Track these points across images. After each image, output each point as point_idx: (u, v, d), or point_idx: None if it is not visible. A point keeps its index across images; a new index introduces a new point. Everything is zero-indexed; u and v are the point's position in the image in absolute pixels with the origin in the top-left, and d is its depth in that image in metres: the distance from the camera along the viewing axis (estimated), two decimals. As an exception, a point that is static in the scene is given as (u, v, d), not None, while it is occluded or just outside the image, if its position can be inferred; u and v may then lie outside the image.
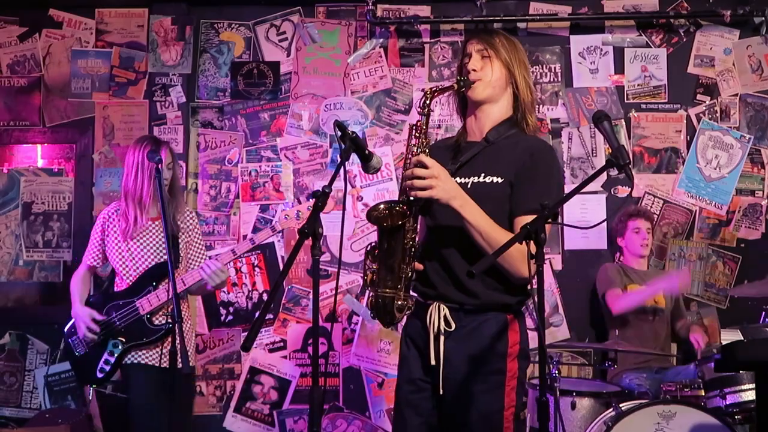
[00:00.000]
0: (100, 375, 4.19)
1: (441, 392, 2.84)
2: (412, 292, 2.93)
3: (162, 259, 4.24)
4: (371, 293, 2.84)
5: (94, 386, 4.34)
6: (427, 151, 2.83)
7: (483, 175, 2.88)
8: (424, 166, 2.72)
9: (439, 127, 5.40)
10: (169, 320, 4.19)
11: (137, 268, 4.24)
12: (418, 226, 2.89)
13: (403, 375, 2.99)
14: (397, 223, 2.75)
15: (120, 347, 4.17)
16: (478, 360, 2.82)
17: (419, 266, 2.89)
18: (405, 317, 2.89)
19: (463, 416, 2.83)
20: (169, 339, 4.16)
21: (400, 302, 2.80)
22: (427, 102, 2.87)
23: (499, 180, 2.85)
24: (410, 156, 2.82)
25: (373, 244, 2.87)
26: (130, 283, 4.23)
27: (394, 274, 2.79)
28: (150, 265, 4.23)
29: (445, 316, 2.85)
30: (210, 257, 4.32)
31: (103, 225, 4.35)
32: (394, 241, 2.78)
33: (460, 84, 2.93)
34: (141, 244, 4.25)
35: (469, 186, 2.87)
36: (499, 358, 2.83)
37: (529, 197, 2.79)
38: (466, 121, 3.07)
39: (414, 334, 2.96)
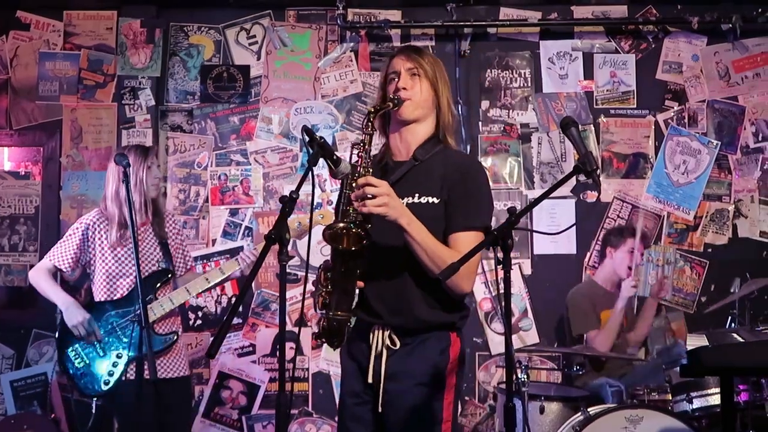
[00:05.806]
0: (105, 387, 4.05)
1: (380, 410, 2.82)
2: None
3: (155, 266, 4.20)
4: (322, 316, 2.76)
5: (96, 398, 4.21)
6: (370, 170, 2.79)
7: (417, 195, 2.86)
8: (372, 186, 2.67)
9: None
10: (174, 330, 4.20)
11: (128, 276, 4.13)
12: None
13: (346, 389, 2.98)
14: (355, 247, 2.68)
15: (124, 358, 4.06)
16: (419, 375, 2.82)
17: (361, 284, 2.83)
18: None
19: (403, 429, 2.82)
20: (173, 349, 4.19)
21: (350, 324, 2.76)
22: (371, 121, 2.84)
23: (435, 200, 2.84)
24: (355, 175, 2.76)
25: (327, 263, 2.80)
26: (124, 293, 4.12)
27: (348, 297, 2.74)
28: (144, 273, 4.10)
29: (389, 334, 2.84)
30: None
31: (85, 232, 4.19)
32: (352, 265, 2.73)
33: (394, 102, 2.89)
34: (131, 251, 4.04)
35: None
36: (440, 372, 2.83)
37: (463, 214, 2.81)
38: (389, 139, 3.04)
39: (356, 351, 2.94)
